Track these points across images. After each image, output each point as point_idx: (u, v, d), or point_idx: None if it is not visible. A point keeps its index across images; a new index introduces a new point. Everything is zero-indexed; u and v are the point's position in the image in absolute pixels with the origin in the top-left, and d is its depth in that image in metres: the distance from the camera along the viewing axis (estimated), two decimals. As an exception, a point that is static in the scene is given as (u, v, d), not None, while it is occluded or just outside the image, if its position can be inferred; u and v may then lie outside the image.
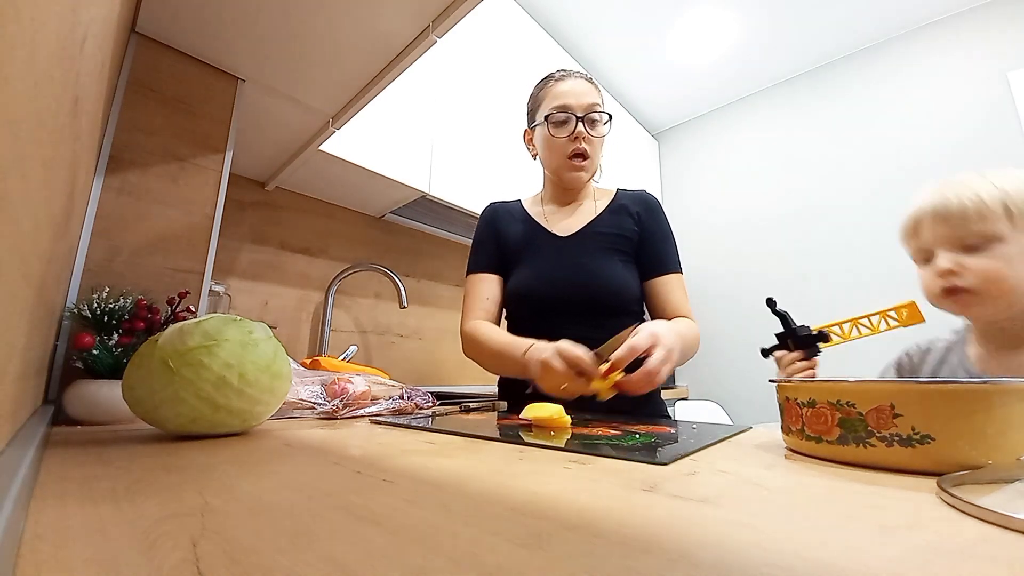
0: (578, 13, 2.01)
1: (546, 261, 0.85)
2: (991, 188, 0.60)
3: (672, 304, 0.82)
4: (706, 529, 0.19)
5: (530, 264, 0.87)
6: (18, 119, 0.17)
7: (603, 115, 0.85)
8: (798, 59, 2.28)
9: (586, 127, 0.84)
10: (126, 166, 0.68)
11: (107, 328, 0.56)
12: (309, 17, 0.68)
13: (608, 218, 0.86)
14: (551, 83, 0.88)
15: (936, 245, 0.65)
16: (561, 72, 0.89)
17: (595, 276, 0.81)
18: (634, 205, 0.88)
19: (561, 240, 0.86)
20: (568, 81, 0.86)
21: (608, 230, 0.85)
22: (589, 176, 0.89)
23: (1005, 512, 0.19)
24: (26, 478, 0.23)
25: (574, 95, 0.84)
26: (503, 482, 0.27)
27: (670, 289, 0.83)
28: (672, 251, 0.85)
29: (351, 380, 0.65)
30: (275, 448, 0.38)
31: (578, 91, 0.85)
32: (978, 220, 0.60)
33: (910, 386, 0.29)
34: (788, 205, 2.27)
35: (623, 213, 0.86)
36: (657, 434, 0.46)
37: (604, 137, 0.87)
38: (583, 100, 0.84)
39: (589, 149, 0.85)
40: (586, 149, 0.84)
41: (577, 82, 0.86)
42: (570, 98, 0.84)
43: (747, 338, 2.25)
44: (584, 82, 0.87)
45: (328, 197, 1.43)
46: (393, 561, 0.15)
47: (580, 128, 0.83)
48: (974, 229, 0.60)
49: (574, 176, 0.87)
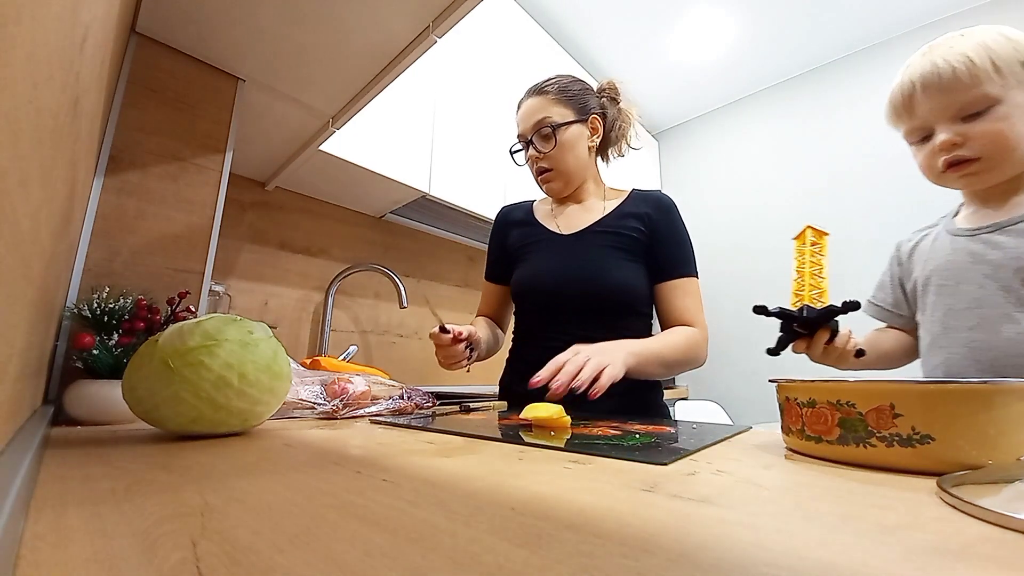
0: (578, 13, 2.01)
1: (548, 258, 0.85)
2: (977, 47, 0.59)
3: (677, 310, 0.79)
4: (706, 529, 0.19)
5: (532, 261, 0.87)
6: (18, 119, 0.17)
7: (547, 128, 0.83)
8: (798, 59, 2.28)
9: (536, 146, 0.86)
10: (126, 166, 0.68)
11: (107, 328, 0.56)
12: (309, 17, 0.68)
13: (615, 218, 0.86)
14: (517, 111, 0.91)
15: (933, 118, 0.62)
16: (523, 96, 0.90)
17: (596, 273, 0.80)
18: (644, 206, 0.85)
19: (563, 238, 0.86)
20: (522, 107, 0.89)
21: (613, 229, 0.84)
22: (563, 184, 0.88)
23: (1005, 512, 0.19)
24: (26, 478, 0.23)
25: (523, 119, 0.87)
26: (503, 482, 0.27)
27: (677, 295, 0.80)
28: (683, 254, 0.82)
29: (351, 380, 0.65)
30: (275, 448, 0.38)
31: (526, 114, 0.87)
32: (973, 84, 0.58)
33: (910, 386, 0.29)
34: (788, 205, 2.27)
35: (632, 214, 0.85)
36: (657, 434, 0.46)
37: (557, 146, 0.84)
38: (530, 121, 0.86)
39: (548, 163, 0.86)
40: (545, 165, 0.86)
41: (527, 103, 0.87)
42: (521, 124, 0.88)
43: (747, 338, 2.25)
44: (533, 99, 0.86)
45: (328, 197, 1.43)
46: (393, 561, 0.15)
47: (532, 150, 0.86)
48: (972, 94, 0.58)
49: (548, 189, 0.90)
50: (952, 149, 0.61)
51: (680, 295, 0.80)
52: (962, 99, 0.59)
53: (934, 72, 0.61)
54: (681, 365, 0.76)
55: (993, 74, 0.58)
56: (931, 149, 0.63)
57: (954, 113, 0.60)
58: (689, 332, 0.77)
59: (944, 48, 0.61)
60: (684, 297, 0.80)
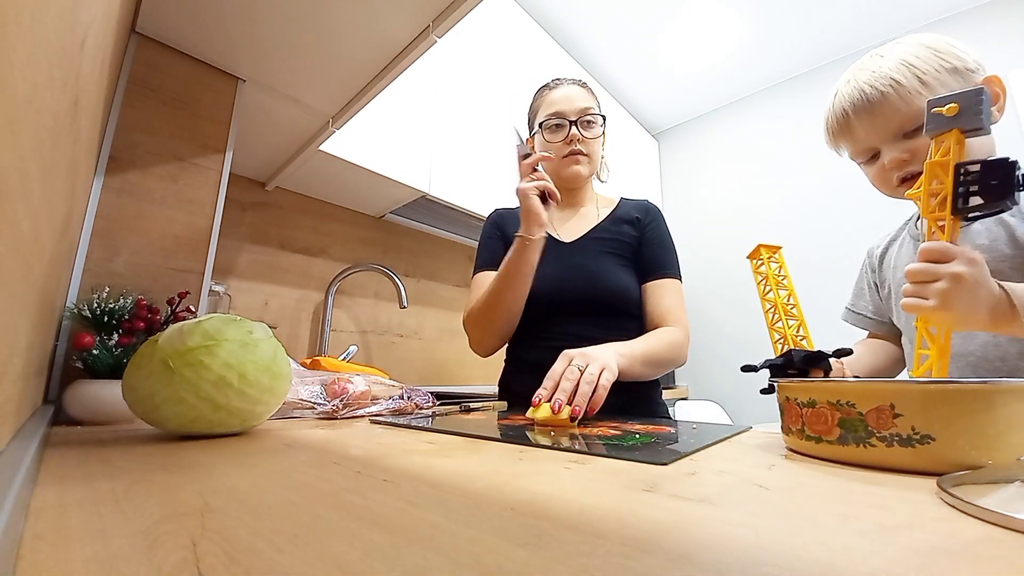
0: (578, 13, 2.01)
1: (550, 264, 0.86)
2: (900, 67, 0.59)
3: (661, 308, 0.81)
4: (706, 529, 0.19)
5: None
6: (18, 119, 0.17)
7: (597, 117, 0.87)
8: (798, 59, 2.28)
9: (580, 129, 0.86)
10: (126, 166, 0.68)
11: (107, 328, 0.56)
12: (309, 17, 0.68)
13: (609, 225, 0.89)
14: (545, 92, 0.91)
15: (874, 140, 0.63)
16: (556, 81, 0.92)
17: (597, 279, 0.82)
18: (635, 212, 0.90)
19: (564, 245, 0.88)
20: (561, 88, 0.89)
21: (609, 236, 0.87)
22: (588, 173, 0.90)
23: (1005, 512, 0.19)
24: (26, 478, 0.23)
25: (567, 101, 0.87)
26: (503, 482, 0.27)
27: (661, 294, 0.82)
28: (668, 257, 0.86)
29: (351, 380, 0.65)
30: (275, 448, 0.38)
31: (571, 97, 0.87)
32: (904, 104, 0.59)
33: (910, 386, 0.29)
34: (788, 205, 2.27)
35: (624, 220, 0.89)
36: (657, 434, 0.46)
37: (599, 138, 0.89)
38: (576, 105, 0.86)
39: (585, 149, 0.87)
40: (581, 149, 0.87)
41: (570, 88, 0.89)
42: (563, 104, 0.87)
43: (747, 338, 2.25)
44: (577, 88, 0.89)
45: (328, 197, 1.43)
46: (393, 561, 0.15)
47: (574, 131, 0.86)
48: (905, 113, 0.59)
49: (572, 171, 0.88)
50: (903, 166, 0.61)
51: (664, 294, 0.82)
52: (898, 120, 0.60)
53: (863, 99, 0.62)
54: (665, 364, 0.77)
55: (921, 88, 0.58)
56: (880, 167, 0.64)
57: (894, 132, 0.61)
58: (672, 332, 0.79)
59: (867, 73, 0.62)
60: (668, 296, 0.82)
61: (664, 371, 0.78)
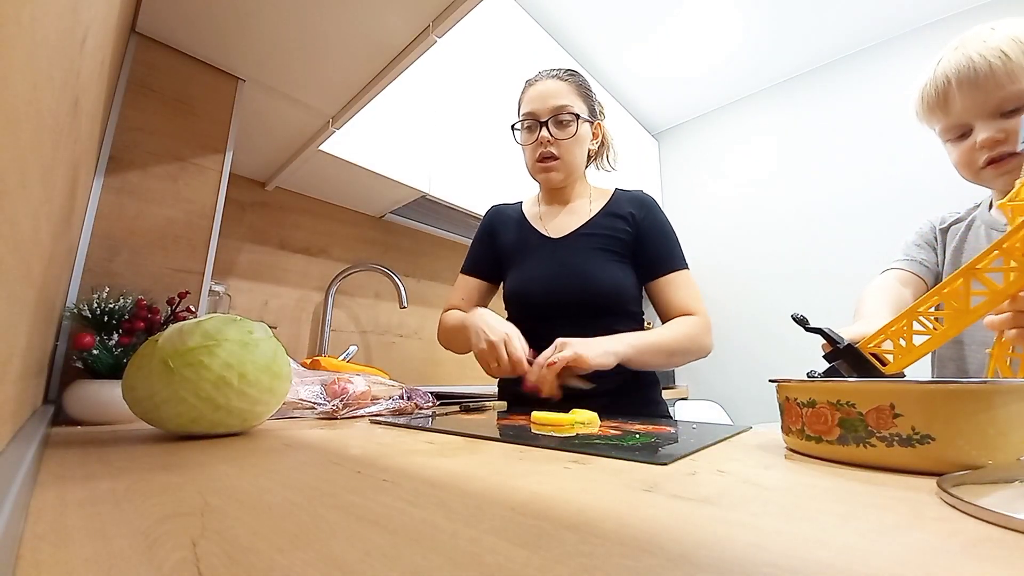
0: (578, 13, 2.01)
1: (538, 263, 0.85)
2: (1011, 42, 0.57)
3: (677, 303, 0.79)
4: (706, 529, 0.19)
5: (523, 266, 0.87)
6: (18, 119, 0.17)
7: (570, 116, 0.83)
8: (798, 59, 2.28)
9: (551, 130, 0.83)
10: (126, 166, 0.68)
11: (107, 328, 0.56)
12: (309, 17, 0.68)
13: (601, 220, 0.86)
14: (526, 88, 0.89)
15: (971, 116, 0.61)
16: (537, 75, 0.89)
17: (587, 277, 0.80)
18: (628, 205, 0.86)
19: (553, 242, 0.86)
20: (537, 86, 0.86)
21: (600, 231, 0.84)
22: (564, 176, 0.87)
23: (1005, 512, 0.19)
24: (26, 478, 0.23)
25: (540, 99, 0.84)
26: (503, 482, 0.27)
27: (674, 288, 0.80)
28: (672, 248, 0.83)
29: (351, 380, 0.65)
30: (275, 448, 0.38)
31: (545, 94, 0.84)
32: (1009, 80, 0.57)
33: (910, 386, 0.29)
34: (788, 205, 2.27)
35: (617, 214, 0.85)
36: (657, 434, 0.46)
37: (574, 137, 0.84)
38: (548, 104, 0.83)
39: (557, 151, 0.84)
40: (552, 152, 0.84)
41: (546, 84, 0.85)
42: (535, 103, 0.85)
43: (747, 338, 2.25)
44: (554, 83, 0.85)
45: (328, 197, 1.43)
46: (393, 561, 0.15)
47: (544, 133, 0.83)
48: (1009, 91, 0.57)
49: (544, 177, 0.87)
50: (995, 146, 0.59)
51: (676, 288, 0.80)
52: (1000, 95, 0.58)
53: (969, 67, 0.59)
54: (685, 353, 0.75)
55: None
56: (970, 146, 0.62)
57: (992, 109, 0.59)
58: (691, 320, 0.77)
59: (977, 43, 0.60)
60: (681, 290, 0.80)
61: (684, 360, 0.77)
